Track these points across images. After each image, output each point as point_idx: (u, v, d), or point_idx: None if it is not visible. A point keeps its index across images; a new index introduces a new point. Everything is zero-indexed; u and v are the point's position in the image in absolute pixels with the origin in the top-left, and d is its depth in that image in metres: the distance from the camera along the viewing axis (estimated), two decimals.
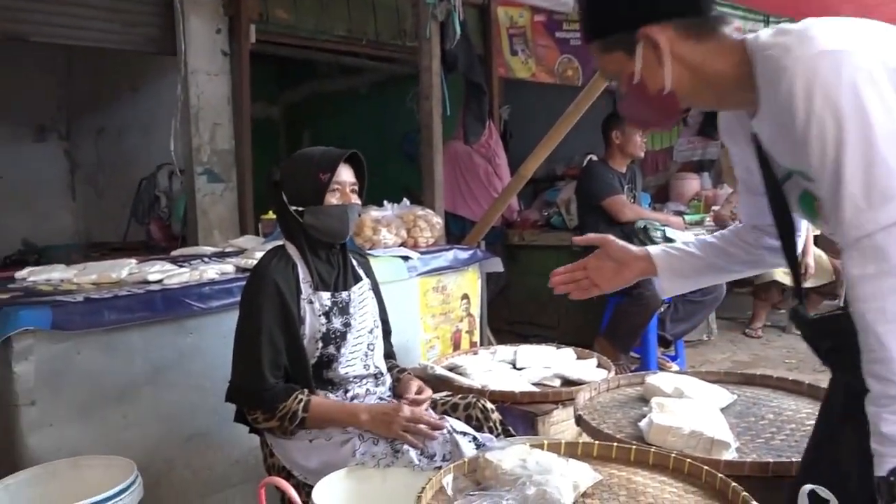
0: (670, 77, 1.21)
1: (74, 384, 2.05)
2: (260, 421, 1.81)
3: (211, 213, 4.70)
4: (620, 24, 1.23)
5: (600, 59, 1.30)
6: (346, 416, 1.82)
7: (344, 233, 1.91)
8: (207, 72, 4.60)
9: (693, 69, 1.21)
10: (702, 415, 1.77)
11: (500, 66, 6.00)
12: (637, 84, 1.24)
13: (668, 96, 1.23)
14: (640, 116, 1.37)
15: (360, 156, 1.95)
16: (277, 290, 1.81)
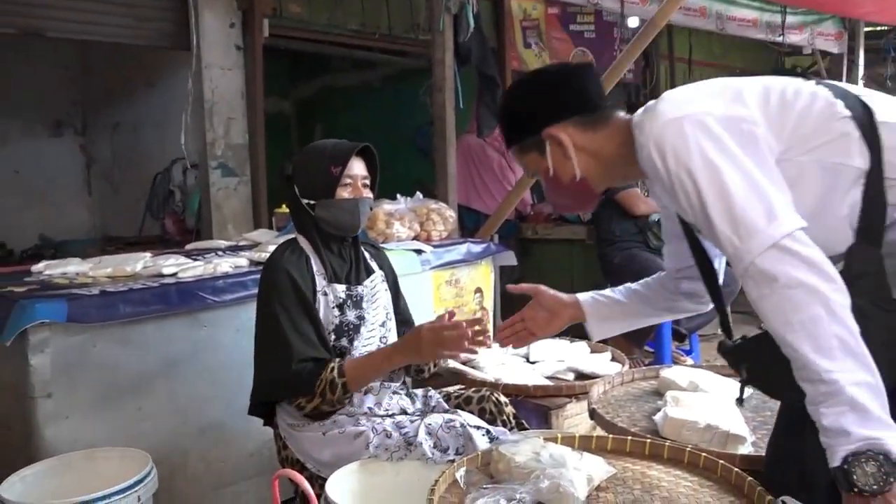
0: (578, 166, 1.42)
1: (90, 377, 2.07)
2: (305, 406, 1.79)
3: (225, 207, 4.71)
4: (529, 130, 1.44)
5: (521, 161, 1.53)
6: (381, 363, 1.81)
7: (355, 227, 1.90)
8: (221, 66, 4.61)
9: (595, 155, 1.42)
10: (717, 409, 1.76)
11: (514, 58, 5.98)
12: (553, 176, 1.45)
13: (580, 182, 1.44)
14: (563, 203, 1.58)
15: (372, 149, 1.94)
16: (292, 280, 1.81)
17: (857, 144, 1.25)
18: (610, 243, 3.86)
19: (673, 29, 6.74)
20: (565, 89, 1.45)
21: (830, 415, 1.11)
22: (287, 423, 1.86)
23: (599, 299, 1.73)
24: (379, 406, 1.88)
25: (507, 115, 1.52)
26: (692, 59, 7.31)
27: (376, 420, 1.83)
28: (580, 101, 1.43)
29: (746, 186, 1.20)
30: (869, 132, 1.25)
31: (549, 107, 1.43)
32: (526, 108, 1.47)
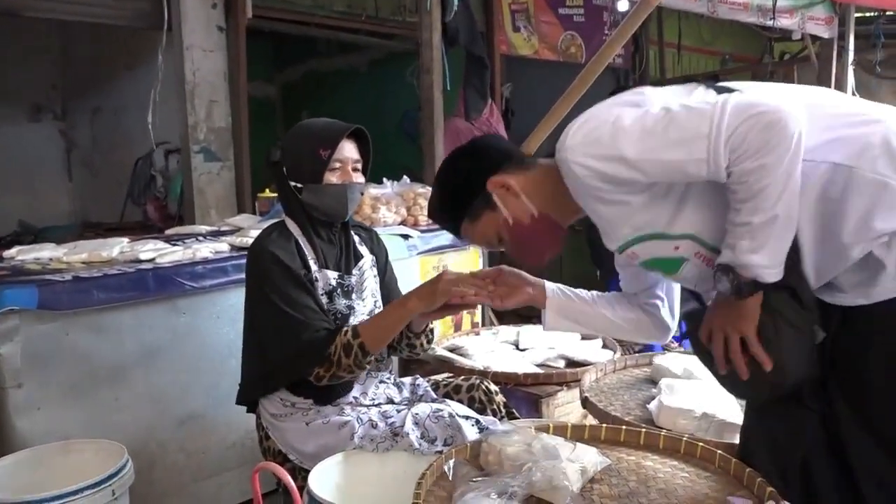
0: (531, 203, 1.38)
1: (63, 366, 2.00)
2: (323, 376, 1.69)
3: (208, 191, 4.61)
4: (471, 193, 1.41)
5: (474, 234, 1.46)
6: (396, 311, 1.73)
7: (343, 213, 1.82)
8: (203, 48, 4.49)
9: (540, 191, 1.39)
10: (712, 397, 1.71)
11: (502, 42, 5.89)
12: (513, 225, 1.40)
13: (542, 219, 1.39)
14: (534, 251, 1.47)
15: (364, 131, 1.85)
16: (280, 261, 1.72)
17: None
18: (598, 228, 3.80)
19: (663, 13, 6.67)
20: (485, 151, 1.46)
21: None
22: (269, 414, 1.79)
23: (564, 291, 1.65)
24: (364, 395, 1.82)
25: (444, 197, 1.48)
26: (681, 44, 7.25)
27: (361, 410, 1.77)
28: (504, 154, 1.44)
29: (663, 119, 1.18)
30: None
31: (481, 165, 1.42)
32: (460, 178, 1.45)
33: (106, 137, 6.46)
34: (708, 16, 5.07)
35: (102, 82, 6.32)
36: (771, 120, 1.10)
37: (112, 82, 6.17)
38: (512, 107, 6.09)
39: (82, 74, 6.61)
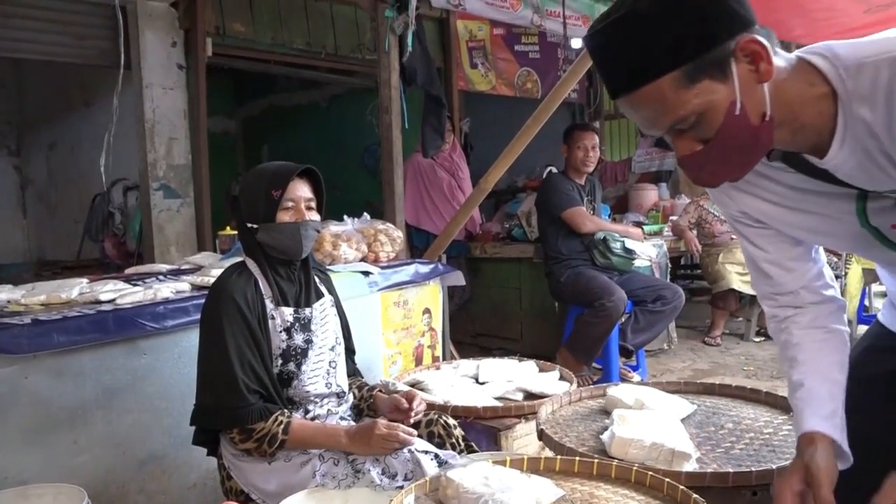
0: (769, 97, 1.00)
1: (21, 410, 1.98)
2: (237, 441, 1.76)
3: (167, 229, 4.61)
4: (712, 41, 0.97)
5: (667, 104, 1.00)
6: (326, 439, 1.78)
7: (298, 250, 1.87)
8: (163, 85, 4.53)
9: (781, 90, 1.01)
10: (662, 426, 1.77)
11: (460, 78, 6.04)
12: (738, 115, 0.99)
13: (766, 125, 1.01)
14: (731, 162, 1.06)
15: (314, 170, 1.92)
16: (238, 307, 1.77)
17: None
18: (556, 261, 3.90)
19: None
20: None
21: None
22: (231, 454, 1.81)
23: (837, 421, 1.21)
24: None
25: (658, 25, 0.97)
26: None
27: None
28: (748, 17, 0.99)
29: None
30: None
31: (738, 11, 0.98)
32: (705, 13, 0.96)
33: (62, 173, 6.40)
34: None
35: (59, 118, 6.28)
36: None
37: (69, 118, 6.14)
38: (471, 141, 6.22)
39: (38, 110, 6.57)
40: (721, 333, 5.19)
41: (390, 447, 1.72)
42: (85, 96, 5.85)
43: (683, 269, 6.65)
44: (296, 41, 5.26)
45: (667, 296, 3.82)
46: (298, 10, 5.23)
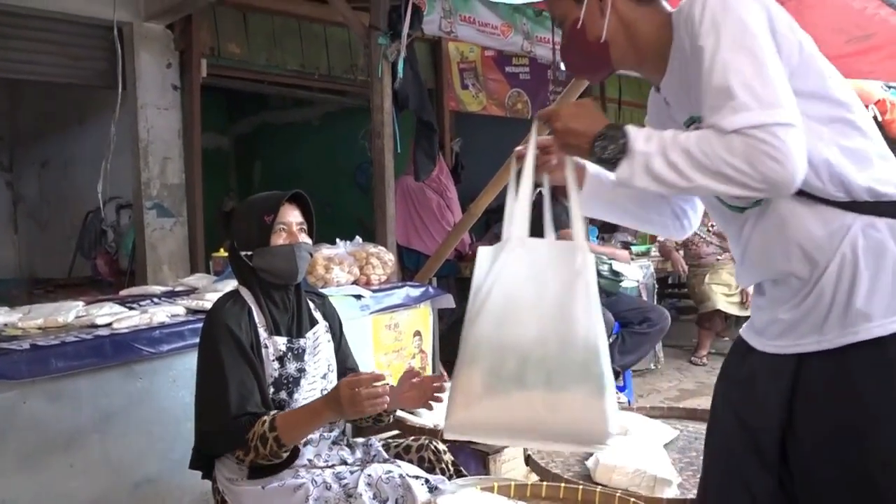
0: (607, 29, 1.31)
1: (19, 434, 2.01)
2: (244, 459, 1.77)
3: (160, 247, 4.65)
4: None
5: (550, 3, 1.40)
6: (311, 418, 1.78)
7: (293, 272, 1.91)
8: (157, 106, 4.59)
9: (627, 27, 1.31)
10: (645, 452, 1.84)
11: (451, 99, 6.12)
12: (578, 30, 1.33)
13: (602, 46, 1.33)
14: (575, 62, 1.45)
15: (304, 195, 1.97)
16: (232, 333, 1.81)
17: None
18: None
19: None
20: None
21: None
22: (225, 478, 1.85)
23: (602, 177, 1.51)
24: (319, 458, 1.90)
25: None
26: (622, 99, 7.61)
27: (316, 472, 1.84)
28: None
29: (768, 64, 1.12)
30: None
31: None
32: None
33: (54, 190, 6.43)
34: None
35: (52, 136, 6.32)
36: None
37: (62, 136, 6.18)
38: (462, 161, 6.30)
39: (31, 127, 6.61)
40: (707, 353, 5.27)
41: (360, 407, 1.68)
42: (79, 115, 5.90)
43: (670, 288, 6.73)
44: (290, 62, 5.34)
45: (653, 318, 3.89)
46: (292, 31, 5.31)
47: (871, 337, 1.13)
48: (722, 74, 1.12)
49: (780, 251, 1.22)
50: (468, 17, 3.88)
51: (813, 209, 1.18)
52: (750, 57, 1.11)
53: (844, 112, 1.18)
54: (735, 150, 1.08)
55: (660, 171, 1.14)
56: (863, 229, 1.16)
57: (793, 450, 1.21)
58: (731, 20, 1.14)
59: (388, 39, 3.42)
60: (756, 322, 1.31)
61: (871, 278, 1.15)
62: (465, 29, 3.88)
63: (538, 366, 1.22)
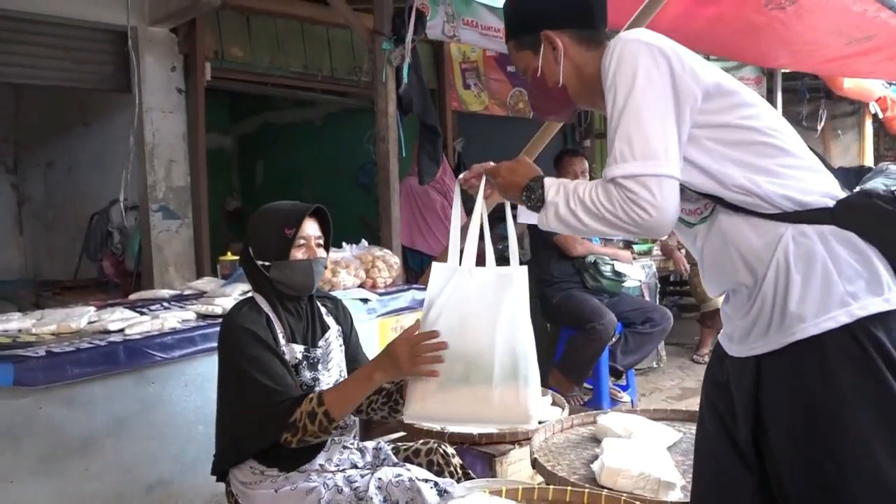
0: (562, 73, 1.50)
1: (35, 439, 2.06)
2: (292, 441, 1.78)
3: (166, 249, 4.69)
4: (530, 29, 1.52)
5: (514, 57, 1.59)
6: (360, 385, 1.80)
7: (309, 287, 1.95)
8: (162, 109, 4.61)
9: (578, 70, 1.49)
10: (650, 455, 1.88)
11: (454, 99, 6.15)
12: (539, 77, 1.52)
13: (561, 89, 1.51)
14: (541, 105, 1.62)
15: (325, 210, 2.01)
16: (253, 333, 1.83)
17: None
18: (548, 284, 4.01)
19: None
20: (575, 1, 1.52)
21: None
22: (239, 482, 1.89)
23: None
24: (330, 462, 1.94)
25: (514, 10, 1.59)
26: None
27: (327, 476, 1.88)
28: (583, 16, 1.51)
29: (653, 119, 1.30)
30: None
31: (555, 13, 1.50)
32: (533, 7, 1.54)
33: (59, 192, 6.45)
34: None
35: (57, 137, 6.34)
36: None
37: (67, 138, 6.19)
38: (464, 160, 6.33)
39: (36, 129, 6.63)
40: (709, 351, 5.27)
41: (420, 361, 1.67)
42: (83, 117, 5.92)
43: (672, 286, 6.77)
44: (293, 64, 5.36)
45: (655, 318, 3.93)
46: (295, 34, 5.34)
47: (806, 336, 1.26)
48: (613, 129, 1.32)
49: (727, 263, 1.37)
50: (471, 20, 3.91)
51: (749, 222, 1.32)
52: (635, 114, 1.29)
53: (765, 137, 1.33)
54: (612, 198, 1.29)
55: (564, 217, 1.37)
56: (794, 237, 1.29)
57: (764, 445, 1.34)
58: (624, 78, 1.32)
59: (392, 44, 3.45)
60: (726, 329, 1.45)
61: (803, 282, 1.27)
62: (467, 32, 3.91)
63: (479, 367, 1.63)
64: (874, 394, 1.23)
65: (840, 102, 7.90)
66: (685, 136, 1.32)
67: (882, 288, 1.27)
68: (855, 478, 1.23)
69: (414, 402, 1.69)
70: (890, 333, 1.26)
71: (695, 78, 1.32)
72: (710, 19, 3.83)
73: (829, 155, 8.32)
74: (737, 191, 1.32)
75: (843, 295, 1.25)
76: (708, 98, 1.33)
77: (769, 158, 1.32)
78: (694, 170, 1.34)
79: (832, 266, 1.27)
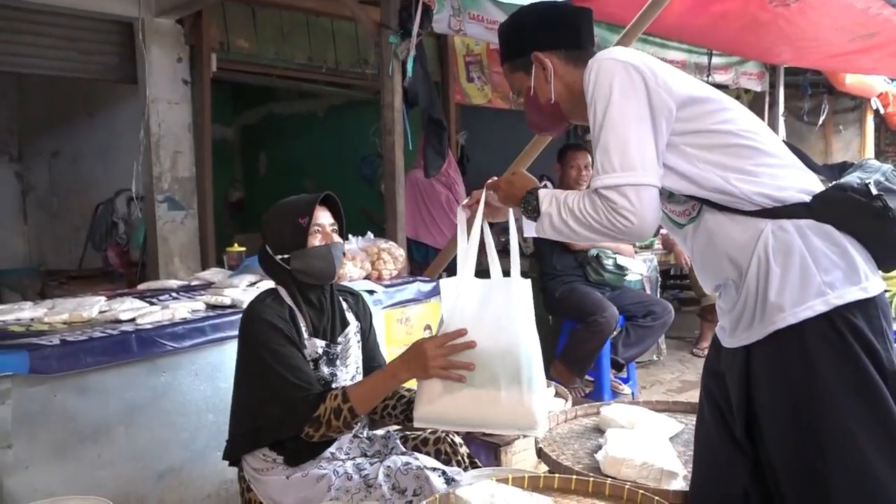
0: (553, 91, 1.60)
1: (50, 426, 2.10)
2: (313, 435, 1.81)
3: (171, 240, 4.72)
4: (521, 52, 1.63)
5: (509, 78, 1.70)
6: (385, 381, 1.83)
7: (331, 272, 1.96)
8: (168, 100, 4.64)
9: (569, 87, 1.59)
10: (652, 445, 1.92)
11: (457, 92, 6.17)
12: (532, 95, 1.63)
13: (554, 106, 1.62)
14: (536, 121, 1.72)
15: (335, 197, 2.04)
16: (276, 326, 1.85)
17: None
18: (551, 277, 4.04)
19: None
20: (561, 24, 1.62)
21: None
22: (252, 468, 1.93)
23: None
24: (340, 450, 1.98)
25: (507, 35, 1.69)
26: None
27: (337, 463, 1.92)
28: (571, 37, 1.62)
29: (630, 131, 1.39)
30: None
31: (543, 36, 1.61)
32: (524, 32, 1.64)
33: (64, 181, 6.48)
34: None
35: (62, 127, 6.36)
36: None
37: (72, 127, 6.22)
38: (467, 153, 6.36)
39: (41, 118, 6.65)
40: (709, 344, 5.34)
41: (447, 365, 1.69)
42: (88, 107, 5.94)
43: (673, 279, 6.80)
44: (297, 56, 5.38)
45: (657, 311, 3.97)
46: (300, 26, 5.36)
47: (786, 325, 1.35)
48: (595, 142, 1.43)
49: (715, 260, 1.46)
50: (477, 14, 3.93)
51: (732, 219, 1.42)
52: (612, 128, 1.39)
53: (741, 139, 1.42)
54: (597, 208, 1.40)
55: (557, 226, 1.49)
56: (773, 231, 1.37)
57: (756, 432, 1.43)
58: (601, 95, 1.41)
59: (398, 38, 3.48)
60: (720, 321, 1.55)
61: (782, 274, 1.36)
62: (473, 27, 3.93)
63: (483, 371, 1.67)
64: (853, 379, 1.32)
65: (842, 98, 7.91)
66: (663, 146, 1.41)
67: (859, 277, 1.35)
68: (835, 458, 1.32)
69: (421, 405, 1.73)
70: (871, 321, 1.34)
71: (668, 91, 1.41)
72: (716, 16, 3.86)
73: (831, 150, 8.34)
74: (715, 192, 1.41)
75: (819, 285, 1.33)
76: (683, 107, 1.42)
77: (745, 159, 1.41)
78: (675, 175, 1.43)
79: (809, 258, 1.35)
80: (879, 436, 1.32)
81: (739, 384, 1.44)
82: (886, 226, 1.35)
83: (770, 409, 1.40)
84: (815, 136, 8.32)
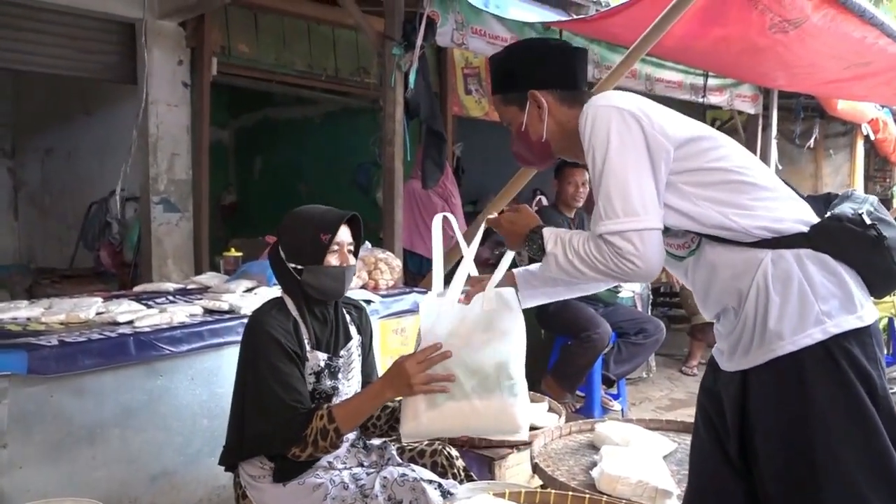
0: (546, 130, 1.63)
1: (45, 426, 2.09)
2: (300, 455, 1.82)
3: (166, 241, 4.71)
4: (517, 87, 1.65)
5: (499, 109, 1.71)
6: (370, 401, 1.84)
7: (340, 293, 1.98)
8: (168, 102, 4.64)
9: (561, 126, 1.62)
10: (647, 463, 1.94)
11: (455, 104, 6.20)
12: (523, 131, 1.66)
13: (544, 144, 1.65)
14: (523, 156, 1.74)
15: (358, 217, 2.03)
16: (278, 341, 1.86)
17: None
18: None
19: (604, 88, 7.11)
20: (558, 64, 1.65)
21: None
22: (248, 475, 1.93)
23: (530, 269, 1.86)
24: (337, 459, 1.98)
25: (503, 68, 1.70)
26: None
27: (334, 472, 1.93)
28: (567, 77, 1.64)
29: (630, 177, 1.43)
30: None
31: (541, 74, 1.63)
32: (521, 68, 1.65)
33: (57, 179, 6.46)
34: (646, 93, 5.48)
35: (57, 124, 6.34)
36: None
37: (67, 125, 6.20)
38: (463, 165, 6.38)
39: (35, 115, 6.62)
40: (698, 363, 5.39)
41: (429, 381, 1.70)
42: (85, 106, 5.92)
43: (663, 297, 6.86)
44: (297, 62, 5.40)
45: (649, 329, 4.00)
46: (301, 32, 5.38)
47: (785, 353, 1.38)
48: (596, 188, 1.46)
49: (716, 289, 1.49)
50: (479, 29, 3.96)
51: (731, 250, 1.45)
52: (612, 174, 1.43)
53: (736, 175, 1.46)
54: (603, 252, 1.43)
55: (563, 266, 1.51)
56: (773, 260, 1.41)
57: (750, 453, 1.45)
58: (599, 142, 1.45)
59: (401, 50, 3.50)
60: (719, 344, 1.57)
61: (781, 302, 1.39)
62: (476, 41, 3.96)
63: (464, 384, 1.70)
64: (848, 407, 1.35)
65: (833, 122, 8.03)
66: (662, 187, 1.45)
67: (855, 306, 1.39)
68: (828, 484, 1.35)
69: (407, 422, 1.74)
70: (865, 348, 1.38)
71: (664, 133, 1.45)
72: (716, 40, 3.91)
73: (821, 173, 8.44)
74: (715, 228, 1.45)
75: (818, 314, 1.37)
76: (679, 147, 1.45)
77: (742, 194, 1.45)
78: (674, 213, 1.47)
79: (808, 287, 1.39)
80: (873, 464, 1.34)
81: (735, 405, 1.47)
82: (880, 253, 1.39)
83: (765, 433, 1.42)
84: (806, 158, 8.43)
